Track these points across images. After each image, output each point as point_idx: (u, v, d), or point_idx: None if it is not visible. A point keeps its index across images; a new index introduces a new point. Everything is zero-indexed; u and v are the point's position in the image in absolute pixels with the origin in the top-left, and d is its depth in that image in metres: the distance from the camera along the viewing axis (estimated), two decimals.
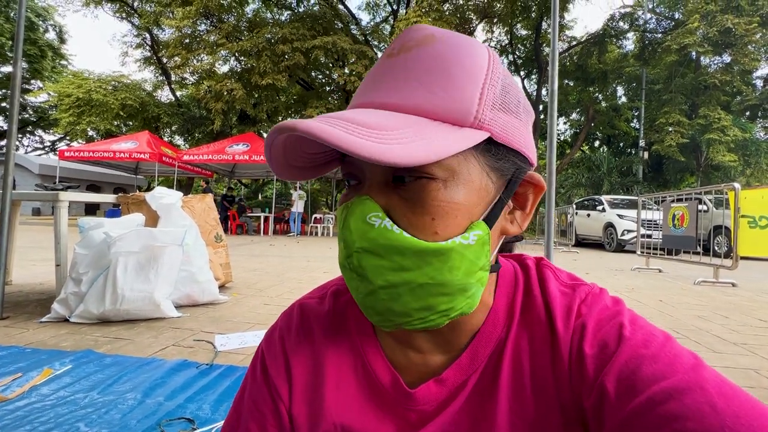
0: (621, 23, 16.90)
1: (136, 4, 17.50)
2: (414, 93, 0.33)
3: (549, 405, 0.35)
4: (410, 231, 0.32)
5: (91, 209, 20.15)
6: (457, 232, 0.32)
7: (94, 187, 23.59)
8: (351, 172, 0.36)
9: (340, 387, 0.41)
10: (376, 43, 17.23)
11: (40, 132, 25.82)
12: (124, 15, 18.39)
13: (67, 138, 20.33)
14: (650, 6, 17.58)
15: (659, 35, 16.71)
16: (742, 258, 4.62)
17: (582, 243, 10.73)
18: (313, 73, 17.13)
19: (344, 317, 0.44)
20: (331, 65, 16.35)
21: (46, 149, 26.74)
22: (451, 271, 0.32)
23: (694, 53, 15.96)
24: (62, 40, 22.34)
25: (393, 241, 0.31)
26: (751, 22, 13.79)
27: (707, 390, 0.27)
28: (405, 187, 0.32)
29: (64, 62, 22.37)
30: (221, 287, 3.20)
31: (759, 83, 17.71)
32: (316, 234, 12.22)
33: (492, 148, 0.34)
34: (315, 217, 12.80)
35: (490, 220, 0.34)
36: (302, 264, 5.22)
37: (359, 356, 0.42)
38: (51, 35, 21.75)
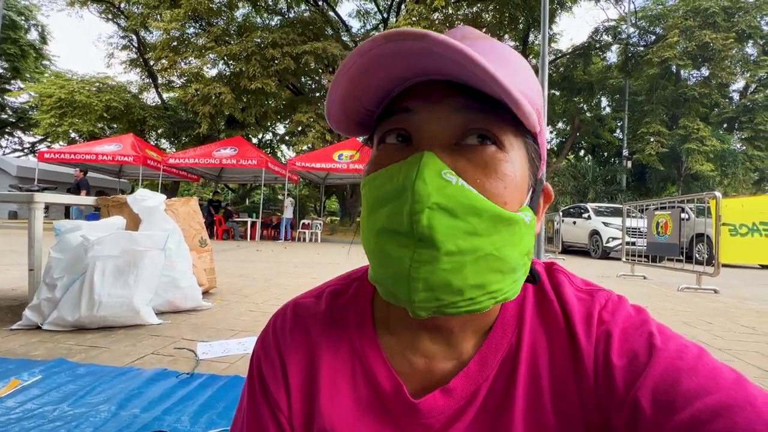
0: (605, 36, 17.40)
1: (122, 5, 17.24)
2: (503, 67, 0.31)
3: (572, 421, 0.32)
4: (483, 195, 0.30)
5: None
6: (517, 208, 0.32)
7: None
8: (403, 128, 0.32)
9: (334, 393, 0.37)
10: None
11: (19, 133, 25.09)
12: (110, 16, 18.11)
13: (48, 140, 19.78)
14: (633, 20, 18.15)
15: (641, 48, 17.25)
16: (723, 265, 4.72)
17: (568, 250, 10.87)
18: (302, 79, 17.11)
19: (343, 318, 0.41)
20: (321, 71, 16.34)
21: (26, 151, 25.99)
22: (513, 246, 0.31)
23: (674, 66, 16.52)
24: (44, 40, 21.84)
25: (473, 200, 0.29)
26: (728, 37, 14.37)
27: (758, 408, 0.25)
28: (476, 149, 0.31)
29: (46, 62, 21.85)
30: (205, 293, 3.11)
31: (735, 96, 18.40)
32: (304, 240, 12.10)
33: (535, 143, 0.35)
34: (303, 223, 12.68)
35: (532, 208, 0.35)
36: (289, 270, 5.13)
37: (358, 360, 0.38)
38: (33, 35, 21.26)
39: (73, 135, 16.29)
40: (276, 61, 13.58)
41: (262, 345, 0.42)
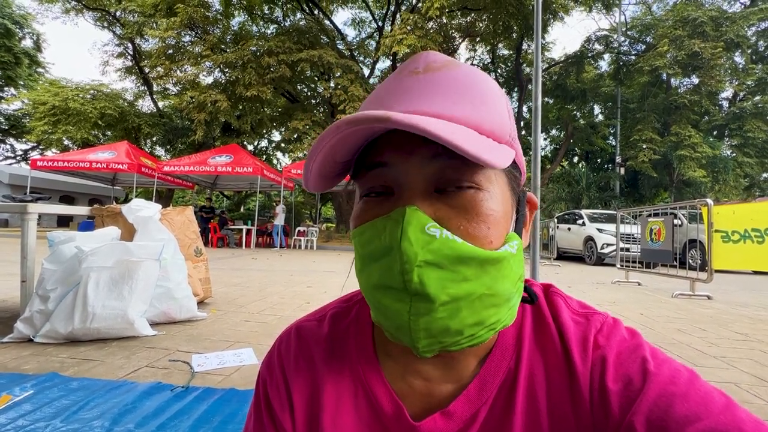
0: (597, 45, 17.69)
1: (118, 13, 17.26)
2: (461, 106, 0.33)
3: None
4: (468, 240, 0.31)
5: (64, 221, 19.39)
6: (503, 241, 0.33)
7: (68, 198, 22.75)
8: (383, 183, 0.34)
9: (337, 416, 0.38)
10: (361, 58, 17.45)
11: (11, 140, 24.88)
12: (105, 24, 18.11)
13: (41, 147, 19.61)
14: (623, 30, 18.47)
15: (632, 57, 17.54)
16: (716, 271, 4.77)
17: (563, 256, 10.92)
18: (298, 86, 17.16)
19: (345, 342, 0.42)
20: (316, 78, 16.43)
21: (18, 158, 25.74)
22: (504, 280, 0.32)
23: (664, 75, 16.79)
24: (39, 48, 21.76)
25: (458, 250, 0.30)
26: (716, 46, 14.64)
27: None
28: (456, 195, 0.32)
29: (40, 70, 21.76)
30: (200, 303, 3.09)
31: (725, 104, 18.71)
32: (299, 247, 12.06)
33: (512, 167, 0.36)
34: (299, 230, 12.64)
35: (517, 233, 0.36)
36: (285, 278, 5.11)
37: (360, 383, 0.39)
38: (28, 42, 21.17)
39: (66, 143, 16.18)
40: (272, 69, 13.62)
41: (268, 368, 0.43)
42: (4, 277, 4.22)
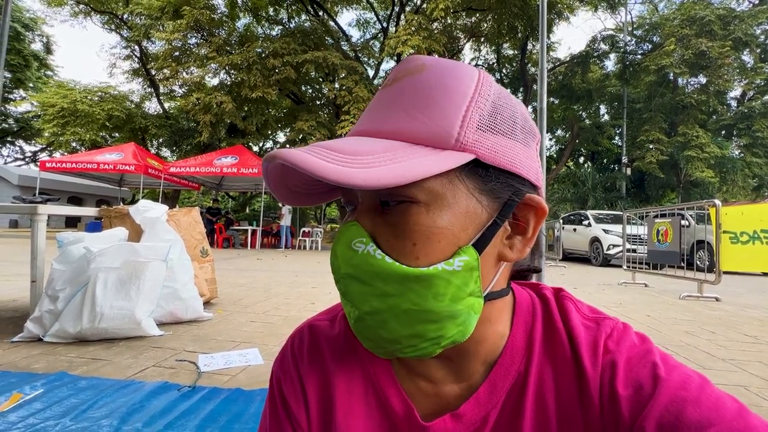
0: (602, 45, 17.56)
1: (125, 16, 17.44)
2: (393, 118, 0.33)
3: None
4: (393, 256, 0.32)
5: (72, 221, 19.63)
6: (440, 257, 0.31)
7: (75, 199, 23.01)
8: (349, 199, 0.36)
9: (349, 415, 0.39)
10: (366, 59, 17.47)
11: (20, 142, 25.21)
12: (113, 27, 18.30)
13: (50, 149, 19.86)
14: (629, 29, 18.34)
15: (639, 56, 17.40)
16: (724, 273, 4.72)
17: (569, 257, 10.85)
18: (303, 87, 17.20)
19: (355, 341, 0.42)
20: (321, 80, 16.45)
21: (27, 160, 26.09)
22: (436, 298, 0.31)
23: (671, 74, 16.64)
24: (49, 51, 22.04)
25: (375, 266, 0.31)
26: (724, 46, 14.49)
27: None
28: (389, 211, 0.32)
29: (49, 72, 22.03)
30: (206, 303, 3.11)
31: (733, 103, 18.50)
32: (305, 248, 12.09)
33: (480, 171, 0.33)
34: (303, 231, 12.68)
35: (480, 244, 0.33)
36: (290, 279, 5.13)
37: (370, 383, 0.40)
38: (37, 45, 21.45)
39: (74, 144, 16.37)
40: (277, 71, 13.67)
41: (282, 365, 0.43)
42: (15, 277, 4.28)
